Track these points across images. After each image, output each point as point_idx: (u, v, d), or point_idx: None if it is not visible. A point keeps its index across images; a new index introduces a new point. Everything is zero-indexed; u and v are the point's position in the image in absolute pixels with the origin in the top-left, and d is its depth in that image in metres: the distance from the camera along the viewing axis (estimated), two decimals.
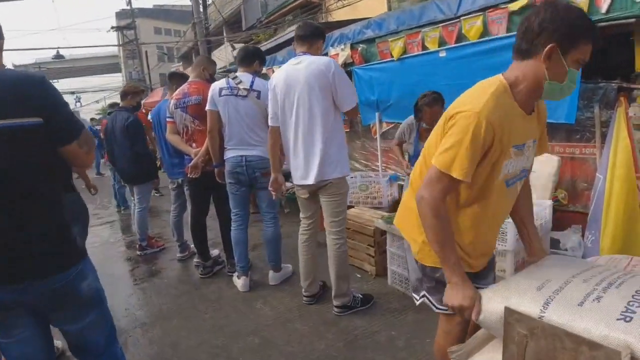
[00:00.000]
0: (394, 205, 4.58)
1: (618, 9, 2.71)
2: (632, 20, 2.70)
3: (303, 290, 3.02)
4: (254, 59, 3.27)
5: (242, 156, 3.13)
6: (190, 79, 3.63)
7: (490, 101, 1.30)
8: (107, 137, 4.61)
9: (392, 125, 4.85)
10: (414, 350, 2.41)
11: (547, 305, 1.23)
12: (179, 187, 4.10)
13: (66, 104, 1.46)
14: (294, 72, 2.59)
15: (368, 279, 3.41)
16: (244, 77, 3.15)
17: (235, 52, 12.97)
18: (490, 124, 1.28)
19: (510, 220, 2.30)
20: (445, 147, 1.33)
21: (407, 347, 2.44)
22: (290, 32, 8.27)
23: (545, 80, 1.31)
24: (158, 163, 5.18)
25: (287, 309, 3.00)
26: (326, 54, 4.75)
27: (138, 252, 4.48)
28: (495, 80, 1.37)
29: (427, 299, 1.61)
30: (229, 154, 3.22)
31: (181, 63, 21.59)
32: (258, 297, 3.23)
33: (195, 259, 3.93)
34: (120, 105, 4.64)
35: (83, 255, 1.56)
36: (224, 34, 14.65)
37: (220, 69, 9.68)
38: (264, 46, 8.49)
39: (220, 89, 3.14)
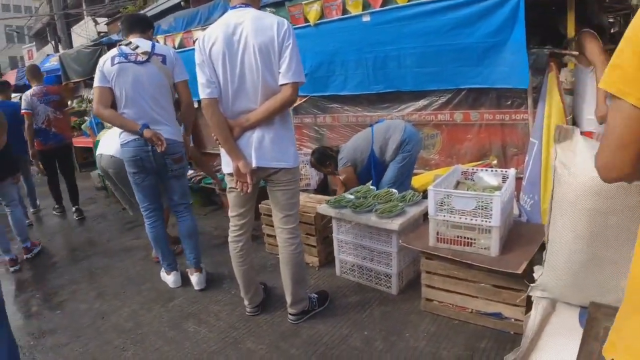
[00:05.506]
0: (320, 187, 4.29)
1: None
2: None
3: (246, 302, 2.52)
4: (149, 26, 2.85)
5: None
6: (40, 85, 4.73)
7: None
8: None
9: (306, 98, 4.45)
10: (397, 349, 2.11)
11: None
12: None
13: None
14: (237, 30, 1.97)
15: (312, 272, 3.03)
16: (141, 42, 2.61)
17: (98, 27, 11.20)
18: None
19: (497, 194, 2.06)
20: None
21: (389, 348, 2.12)
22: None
23: None
24: None
25: (230, 326, 2.45)
26: None
27: (26, 256, 3.91)
28: None
29: None
30: (127, 137, 2.59)
31: (34, 43, 18.66)
32: (188, 317, 2.61)
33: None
34: None
35: None
36: (84, 7, 12.59)
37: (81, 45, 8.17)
38: None
39: (112, 58, 2.52)
